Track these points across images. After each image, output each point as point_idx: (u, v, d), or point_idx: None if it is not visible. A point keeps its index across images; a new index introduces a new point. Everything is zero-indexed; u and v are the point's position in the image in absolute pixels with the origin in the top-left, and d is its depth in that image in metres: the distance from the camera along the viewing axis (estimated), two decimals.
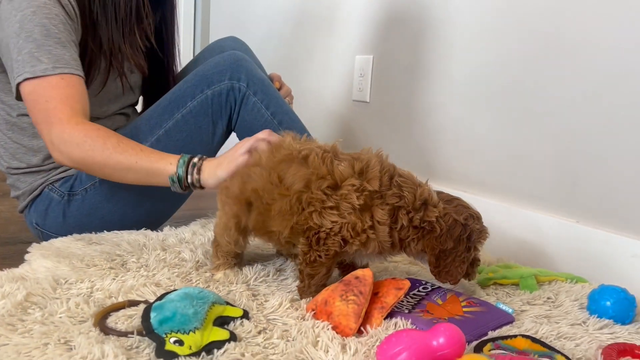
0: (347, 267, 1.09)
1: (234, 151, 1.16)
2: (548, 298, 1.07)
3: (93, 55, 1.31)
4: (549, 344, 0.85)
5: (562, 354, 0.81)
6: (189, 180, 1.20)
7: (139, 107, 1.67)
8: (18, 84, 1.19)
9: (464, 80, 1.56)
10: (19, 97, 1.22)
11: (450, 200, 1.01)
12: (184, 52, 3.09)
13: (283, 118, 1.43)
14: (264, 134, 1.16)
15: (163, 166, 1.20)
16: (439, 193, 1.02)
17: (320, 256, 0.96)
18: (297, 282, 1.02)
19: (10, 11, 1.18)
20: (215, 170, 1.17)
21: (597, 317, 0.98)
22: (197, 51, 2.85)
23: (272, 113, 1.41)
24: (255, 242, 1.28)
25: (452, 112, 1.61)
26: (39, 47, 1.17)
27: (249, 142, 1.15)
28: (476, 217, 1.00)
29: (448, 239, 0.95)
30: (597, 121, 1.24)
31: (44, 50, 1.18)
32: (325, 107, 2.16)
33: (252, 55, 1.60)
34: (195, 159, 1.21)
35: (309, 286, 0.99)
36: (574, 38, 1.28)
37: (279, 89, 1.55)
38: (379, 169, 0.96)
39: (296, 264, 1.10)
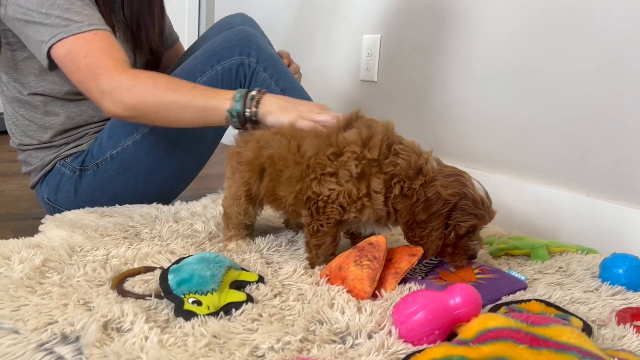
0: (357, 238, 1.10)
1: (299, 106, 1.11)
2: (560, 267, 1.07)
3: None
4: (563, 307, 0.86)
5: (577, 316, 0.82)
6: (247, 114, 1.12)
7: None
8: (50, 47, 1.19)
9: (472, 57, 1.56)
10: (52, 66, 1.23)
11: (451, 174, 0.95)
12: (189, 33, 3.09)
13: (293, 94, 1.42)
14: (329, 114, 1.07)
15: (220, 102, 1.14)
16: (446, 167, 0.98)
17: (322, 225, 0.98)
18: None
19: None
20: (278, 111, 1.10)
21: (610, 284, 0.98)
22: (203, 31, 2.85)
23: (282, 89, 1.41)
24: (266, 215, 1.29)
25: (460, 89, 1.61)
26: (66, 10, 1.18)
27: (314, 111, 1.09)
28: (473, 198, 0.92)
29: (422, 211, 0.92)
30: (606, 94, 1.24)
31: (73, 12, 1.19)
32: (332, 87, 2.16)
33: (260, 31, 1.60)
34: (254, 92, 1.14)
35: (317, 256, 1.01)
36: (582, 12, 1.27)
37: (288, 66, 1.55)
38: (381, 137, 0.97)
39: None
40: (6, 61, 1.32)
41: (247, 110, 1.12)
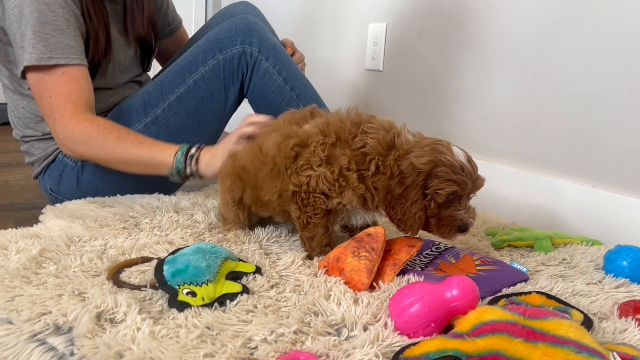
0: (353, 232, 1.09)
1: (227, 141, 1.19)
2: (563, 259, 1.05)
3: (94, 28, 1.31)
4: (565, 300, 0.84)
5: (578, 309, 0.80)
6: (188, 172, 1.22)
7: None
8: (24, 69, 1.21)
9: (478, 46, 1.54)
10: (24, 77, 1.24)
11: (427, 144, 0.92)
12: (196, 20, 3.08)
13: (295, 84, 1.41)
14: (248, 119, 1.20)
15: (162, 158, 1.23)
16: (425, 138, 0.95)
17: (310, 217, 0.98)
18: None
19: None
20: (210, 161, 1.20)
21: (614, 276, 0.96)
22: (209, 18, 2.84)
23: (284, 79, 1.40)
24: None
25: (466, 78, 1.58)
26: (35, 33, 1.17)
27: (237, 131, 1.19)
28: (450, 164, 0.89)
29: (397, 185, 0.90)
30: (613, 84, 1.21)
31: (40, 37, 1.18)
32: (338, 77, 2.14)
33: (264, 20, 1.58)
34: (193, 150, 1.23)
35: (312, 249, 1.00)
36: (592, 2, 1.25)
37: (292, 55, 1.54)
38: (339, 120, 0.98)
39: None
40: (5, 56, 1.32)
41: (188, 168, 1.22)
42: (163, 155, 1.23)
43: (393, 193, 0.91)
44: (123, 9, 1.38)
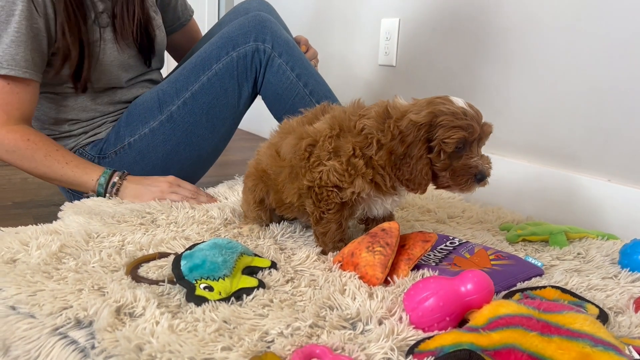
0: (370, 223, 1.09)
1: (153, 190, 1.28)
2: (578, 254, 1.05)
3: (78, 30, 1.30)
4: (580, 294, 0.84)
5: (593, 304, 0.80)
6: (107, 198, 1.28)
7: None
8: None
9: (491, 40, 1.53)
10: None
11: (423, 102, 0.92)
12: (209, 16, 3.09)
13: (308, 80, 1.42)
14: (173, 187, 1.30)
15: (85, 181, 1.28)
16: (419, 100, 0.95)
17: (324, 213, 0.99)
18: None
19: None
20: (135, 196, 1.27)
21: (629, 270, 0.96)
22: (223, 15, 2.84)
23: (298, 75, 1.41)
24: None
25: (480, 72, 1.58)
26: None
27: (163, 191, 1.28)
28: (452, 112, 0.88)
29: (399, 144, 0.89)
30: (629, 77, 1.20)
31: (1, 41, 1.19)
32: (351, 72, 2.14)
33: (277, 16, 1.59)
34: (116, 178, 1.28)
35: (325, 244, 1.01)
36: None
37: (306, 52, 1.54)
38: (342, 112, 0.99)
39: None
40: None
41: (107, 195, 1.28)
42: (86, 179, 1.27)
43: (396, 153, 0.90)
44: (112, 17, 1.36)
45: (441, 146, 0.89)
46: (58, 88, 1.34)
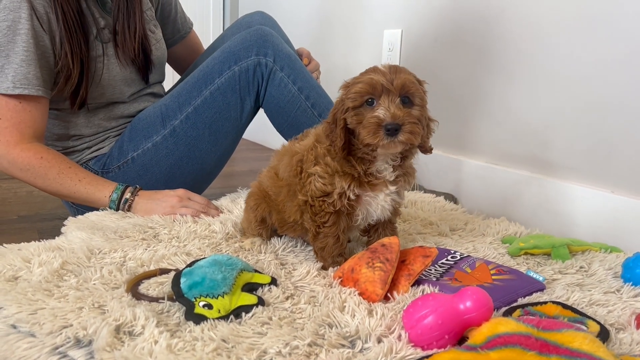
0: (372, 235, 1.10)
1: (172, 206, 1.28)
2: (581, 267, 1.05)
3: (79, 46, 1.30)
4: (581, 310, 0.84)
5: (594, 320, 0.80)
6: (121, 213, 1.28)
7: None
8: None
9: (493, 51, 1.53)
10: None
11: None
12: (214, 28, 3.11)
13: (310, 93, 1.42)
14: (184, 201, 1.30)
15: (98, 198, 1.29)
16: None
17: (320, 227, 1.00)
18: None
19: None
20: (146, 210, 1.28)
21: (632, 285, 0.95)
22: (227, 27, 2.86)
23: (299, 88, 1.41)
24: None
25: (482, 83, 1.58)
26: (6, 57, 1.21)
27: (174, 205, 1.28)
28: (360, 74, 0.95)
29: (332, 119, 0.97)
30: (631, 88, 1.20)
31: (10, 68, 1.21)
32: None
33: (279, 30, 1.60)
34: (128, 195, 1.29)
35: (324, 259, 1.02)
36: (607, 3, 1.23)
37: (308, 64, 1.55)
38: (322, 125, 1.02)
39: None
40: None
41: (120, 210, 1.29)
42: (99, 196, 1.28)
43: (326, 132, 0.98)
44: (113, 34, 1.38)
45: (347, 104, 0.93)
46: (61, 104, 1.35)
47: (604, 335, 0.76)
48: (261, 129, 2.12)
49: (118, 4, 1.38)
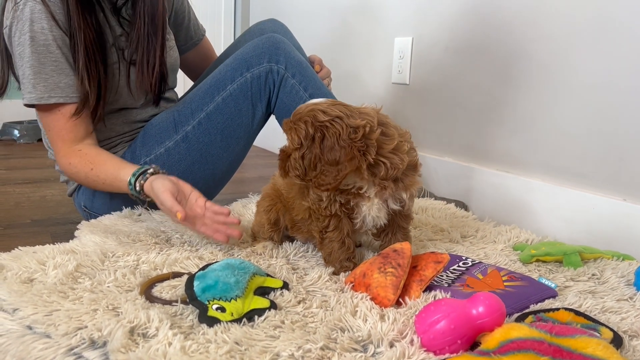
0: (385, 239, 1.10)
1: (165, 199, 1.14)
2: (593, 275, 1.04)
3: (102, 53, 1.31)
4: (594, 317, 0.84)
5: (607, 327, 0.80)
6: (137, 188, 1.20)
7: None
8: (28, 104, 1.27)
9: (505, 58, 1.53)
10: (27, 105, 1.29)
11: None
12: (225, 36, 3.14)
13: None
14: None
15: (125, 184, 1.22)
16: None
17: (323, 232, 1.02)
18: None
19: (15, 32, 1.23)
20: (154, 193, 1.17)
21: None
22: (238, 34, 2.88)
23: (310, 95, 1.42)
24: None
25: (493, 91, 1.58)
26: (35, 74, 1.23)
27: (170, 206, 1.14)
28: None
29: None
30: None
31: (41, 78, 1.23)
32: (364, 90, 2.15)
33: (291, 37, 1.61)
34: (138, 190, 1.20)
35: (332, 264, 1.03)
36: (619, 9, 1.23)
37: (319, 71, 1.56)
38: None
39: None
40: None
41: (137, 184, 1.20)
42: (124, 189, 1.24)
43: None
44: (129, 62, 1.37)
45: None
46: None
47: (617, 342, 0.75)
48: (272, 136, 2.13)
49: (139, 36, 1.36)
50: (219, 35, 3.09)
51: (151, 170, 1.20)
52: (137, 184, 1.19)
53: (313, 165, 0.94)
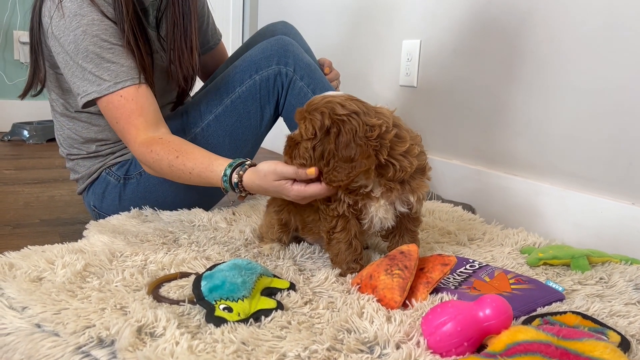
0: (392, 240, 1.10)
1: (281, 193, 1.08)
2: (600, 278, 1.04)
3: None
4: (601, 321, 0.83)
5: (615, 330, 0.79)
6: (235, 180, 1.13)
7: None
8: (90, 100, 1.25)
9: (513, 61, 1.53)
10: (85, 106, 1.28)
11: None
12: (233, 39, 3.15)
13: None
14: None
15: (214, 183, 1.19)
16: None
17: (330, 232, 1.02)
18: None
19: (63, 30, 1.23)
20: (256, 190, 1.12)
21: None
22: (246, 37, 2.88)
23: None
24: None
25: (501, 94, 1.58)
26: (97, 65, 1.22)
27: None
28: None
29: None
30: None
31: (103, 67, 1.23)
32: (372, 92, 2.15)
33: (300, 39, 1.62)
34: (236, 178, 1.13)
35: (339, 265, 1.03)
36: (628, 16, 1.23)
37: (328, 74, 1.56)
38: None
39: None
40: (53, 81, 1.38)
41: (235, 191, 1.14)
42: (214, 183, 1.18)
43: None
44: (168, 63, 1.39)
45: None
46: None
47: (625, 346, 0.75)
48: (280, 138, 2.13)
49: (174, 38, 1.38)
50: (227, 38, 3.10)
51: (249, 162, 1.15)
52: (235, 175, 1.12)
53: (326, 160, 0.94)
